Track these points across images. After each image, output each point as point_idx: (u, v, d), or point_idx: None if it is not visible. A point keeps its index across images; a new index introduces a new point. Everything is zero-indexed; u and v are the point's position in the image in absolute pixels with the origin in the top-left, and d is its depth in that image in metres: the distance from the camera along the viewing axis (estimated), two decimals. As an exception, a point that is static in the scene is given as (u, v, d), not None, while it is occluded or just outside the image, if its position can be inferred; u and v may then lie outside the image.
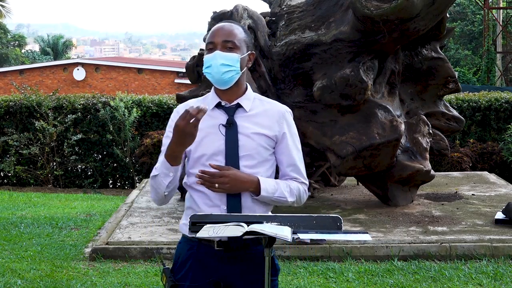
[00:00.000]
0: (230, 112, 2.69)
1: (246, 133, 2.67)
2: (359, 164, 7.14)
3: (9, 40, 46.57)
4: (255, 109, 2.72)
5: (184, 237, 2.77)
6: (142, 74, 29.07)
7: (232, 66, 2.65)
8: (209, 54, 2.68)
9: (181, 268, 2.72)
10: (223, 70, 2.64)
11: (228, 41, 2.67)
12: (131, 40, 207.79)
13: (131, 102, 12.74)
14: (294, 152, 2.77)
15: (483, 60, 25.49)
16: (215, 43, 2.68)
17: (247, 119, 2.70)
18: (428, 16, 6.70)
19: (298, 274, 5.72)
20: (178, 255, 2.77)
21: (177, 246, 2.82)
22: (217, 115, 2.70)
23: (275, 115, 2.73)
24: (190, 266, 2.70)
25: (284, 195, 2.72)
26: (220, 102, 2.72)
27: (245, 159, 2.67)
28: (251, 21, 7.83)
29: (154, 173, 2.66)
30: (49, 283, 5.53)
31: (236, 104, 2.71)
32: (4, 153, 12.84)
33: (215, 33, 2.70)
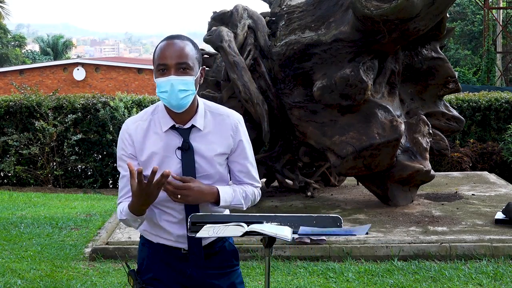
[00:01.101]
0: (185, 134, 2.64)
1: (203, 155, 2.65)
2: (359, 164, 7.14)
3: (9, 40, 46.57)
4: (208, 126, 2.68)
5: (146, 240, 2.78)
6: (142, 74, 29.07)
7: (189, 90, 2.58)
8: (163, 78, 2.56)
9: (147, 270, 2.74)
10: (181, 96, 2.56)
11: (181, 63, 2.56)
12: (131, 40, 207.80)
13: (131, 102, 12.74)
14: (248, 159, 2.77)
15: (483, 60, 25.49)
16: (168, 66, 2.56)
17: (203, 139, 2.66)
18: (428, 16, 6.70)
19: (298, 274, 5.72)
20: (143, 257, 2.77)
21: (140, 249, 2.82)
22: (172, 137, 2.64)
23: (228, 128, 2.70)
24: (157, 269, 2.72)
25: (241, 202, 2.73)
26: (174, 124, 2.65)
27: (202, 179, 2.66)
28: (251, 21, 7.83)
29: (122, 217, 2.64)
30: (49, 283, 5.53)
31: (190, 126, 2.66)
32: (4, 153, 12.84)
33: (166, 54, 2.56)
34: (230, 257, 2.79)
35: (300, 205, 7.79)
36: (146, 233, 2.77)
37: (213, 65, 8.10)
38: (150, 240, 2.75)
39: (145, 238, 2.78)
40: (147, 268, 2.74)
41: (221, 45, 7.46)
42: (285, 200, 8.11)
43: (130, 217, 2.60)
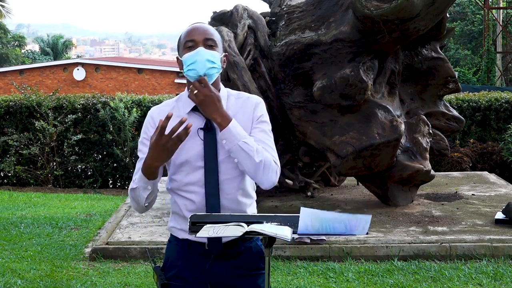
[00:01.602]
0: None
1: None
2: (359, 164, 7.14)
3: (9, 40, 46.57)
4: (231, 108, 2.68)
5: (174, 238, 2.77)
6: (142, 74, 29.07)
7: (216, 63, 2.63)
8: (191, 51, 2.63)
9: (171, 267, 2.73)
10: (208, 66, 2.60)
11: (208, 39, 2.65)
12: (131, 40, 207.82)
13: (131, 102, 12.75)
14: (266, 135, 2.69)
15: (483, 60, 25.49)
16: (196, 41, 2.64)
17: None
18: (428, 16, 6.70)
19: (298, 274, 5.72)
20: (168, 254, 2.77)
21: (167, 246, 2.82)
22: (194, 119, 2.65)
23: (249, 108, 2.70)
24: (181, 265, 2.70)
25: (252, 147, 2.56)
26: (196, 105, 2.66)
27: (224, 162, 2.64)
28: (251, 21, 7.83)
29: (133, 186, 2.63)
30: (49, 283, 5.53)
31: None
32: (4, 153, 12.84)
33: (194, 31, 2.66)
34: (256, 258, 2.71)
35: (300, 205, 7.77)
36: (173, 229, 2.76)
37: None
38: (176, 236, 2.74)
39: (172, 235, 2.78)
40: (171, 265, 2.72)
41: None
42: (285, 200, 8.11)
43: (141, 183, 2.59)
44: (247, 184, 2.72)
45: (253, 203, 2.79)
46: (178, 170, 2.67)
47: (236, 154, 2.58)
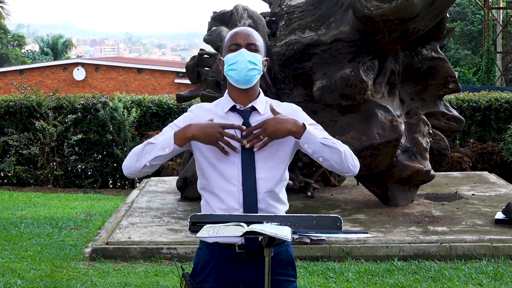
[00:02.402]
0: (245, 115, 2.70)
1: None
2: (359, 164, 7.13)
3: (9, 40, 46.56)
4: (269, 112, 2.70)
5: (203, 243, 2.75)
6: (142, 74, 29.07)
7: (257, 65, 2.68)
8: (234, 52, 2.69)
9: (201, 272, 2.70)
10: (249, 67, 2.66)
11: (251, 43, 2.70)
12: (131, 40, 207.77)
13: (131, 102, 12.75)
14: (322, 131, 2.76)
15: (483, 60, 25.49)
16: (240, 44, 2.70)
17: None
18: (428, 16, 6.70)
19: (298, 274, 5.70)
20: (198, 260, 2.74)
21: (196, 252, 2.79)
22: (232, 118, 2.70)
23: (289, 112, 2.74)
24: (211, 269, 2.68)
25: (332, 140, 2.66)
26: (235, 105, 2.72)
27: (261, 161, 2.67)
28: (251, 21, 7.83)
29: (151, 141, 2.66)
30: (49, 283, 5.53)
31: (250, 107, 2.72)
32: (4, 153, 12.85)
33: (238, 35, 2.72)
34: (286, 265, 2.71)
35: (300, 205, 7.78)
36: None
37: (213, 65, 8.09)
38: (206, 242, 2.71)
39: (202, 242, 2.75)
40: (201, 270, 2.70)
41: (221, 45, 7.46)
42: (285, 200, 8.10)
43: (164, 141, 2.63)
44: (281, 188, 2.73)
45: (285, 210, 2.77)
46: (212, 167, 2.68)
47: (320, 153, 2.63)
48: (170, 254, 6.16)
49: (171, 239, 6.40)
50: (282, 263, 2.70)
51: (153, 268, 5.92)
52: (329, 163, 2.65)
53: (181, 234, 6.52)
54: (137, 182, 12.49)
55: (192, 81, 8.63)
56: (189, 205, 7.83)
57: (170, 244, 6.26)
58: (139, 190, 9.15)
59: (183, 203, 8.00)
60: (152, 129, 12.79)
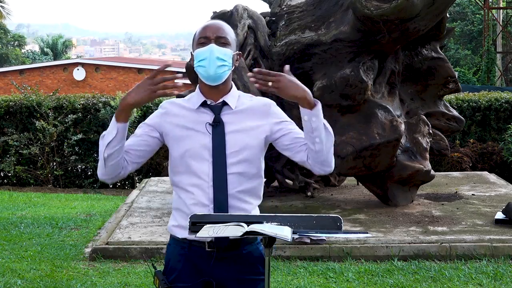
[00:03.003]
0: (216, 111, 2.67)
1: (233, 130, 2.65)
2: (359, 164, 7.14)
3: (9, 40, 46.57)
4: (241, 106, 2.70)
5: (174, 239, 2.74)
6: (142, 74, 29.06)
7: (226, 61, 2.64)
8: (203, 47, 2.64)
9: (173, 270, 2.70)
10: (218, 64, 2.62)
11: (221, 36, 2.66)
12: (131, 40, 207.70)
13: (131, 102, 12.75)
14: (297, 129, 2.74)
15: (483, 60, 25.50)
16: (209, 38, 2.65)
17: (234, 116, 2.68)
18: (428, 16, 6.71)
19: (298, 274, 5.72)
20: (169, 257, 2.74)
21: (167, 248, 2.79)
22: (203, 114, 2.68)
23: (261, 109, 2.72)
24: (182, 267, 2.68)
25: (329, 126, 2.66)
26: (206, 100, 2.69)
27: (232, 156, 2.64)
28: (251, 21, 7.83)
29: (102, 134, 2.67)
30: (49, 283, 5.53)
31: (221, 102, 2.69)
32: (4, 153, 12.84)
33: (208, 28, 2.68)
34: (256, 263, 2.69)
35: (300, 205, 7.79)
36: (172, 228, 2.73)
37: (213, 65, 8.09)
38: (175, 237, 2.71)
39: (171, 237, 2.75)
40: (172, 269, 2.70)
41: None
42: (285, 200, 8.11)
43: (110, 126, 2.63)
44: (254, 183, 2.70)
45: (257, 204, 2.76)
46: (182, 161, 2.66)
47: (319, 132, 2.60)
48: (170, 254, 6.15)
49: (171, 239, 6.39)
50: (251, 261, 2.69)
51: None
52: (320, 147, 2.60)
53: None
54: (137, 182, 12.49)
55: (192, 81, 8.62)
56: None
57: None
58: (139, 190, 9.15)
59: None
60: (152, 129, 12.77)
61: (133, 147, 2.69)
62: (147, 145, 2.70)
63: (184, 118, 2.68)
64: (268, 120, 2.70)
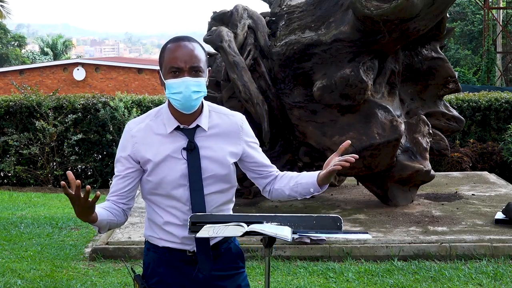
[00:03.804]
0: (190, 135, 2.64)
1: (208, 155, 2.64)
2: (359, 164, 7.14)
3: (9, 40, 46.57)
4: (214, 127, 2.68)
5: (151, 244, 2.75)
6: (142, 74, 29.07)
7: (201, 91, 2.61)
8: (176, 79, 2.57)
9: (154, 273, 2.70)
10: (194, 97, 2.58)
11: (194, 66, 2.59)
12: (131, 40, 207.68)
13: (131, 102, 12.74)
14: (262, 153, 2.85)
15: (483, 60, 25.49)
16: (181, 69, 2.58)
17: (207, 139, 2.66)
18: (428, 16, 6.70)
19: (298, 274, 5.72)
20: (148, 262, 2.74)
21: (145, 254, 2.79)
22: (176, 138, 2.64)
23: (233, 128, 2.72)
24: (163, 272, 2.69)
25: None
26: (179, 125, 2.65)
27: (208, 179, 2.64)
28: (251, 21, 7.83)
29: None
30: (49, 283, 5.53)
31: (195, 126, 2.66)
32: (4, 153, 12.84)
33: (179, 56, 2.58)
34: (235, 259, 2.75)
35: (300, 205, 7.79)
36: (151, 238, 2.74)
37: (213, 65, 8.10)
38: (155, 245, 2.72)
39: (150, 243, 2.75)
40: (152, 272, 2.70)
41: (221, 45, 7.46)
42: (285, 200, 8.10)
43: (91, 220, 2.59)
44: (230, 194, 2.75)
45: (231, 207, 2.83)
46: (159, 186, 2.65)
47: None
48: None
49: (171, 239, 6.39)
50: (232, 258, 2.74)
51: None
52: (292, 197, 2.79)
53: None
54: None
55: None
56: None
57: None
58: (139, 190, 9.13)
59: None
60: (152, 129, 12.77)
61: (123, 190, 2.73)
62: (134, 180, 2.71)
63: (157, 144, 2.63)
64: (240, 141, 2.73)
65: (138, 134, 2.66)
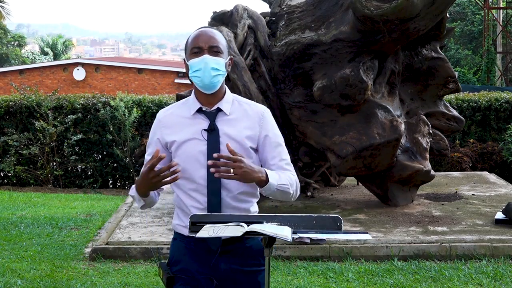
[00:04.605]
0: (211, 117, 2.77)
1: (229, 136, 2.74)
2: (359, 164, 7.14)
3: (9, 40, 46.57)
4: (234, 112, 2.80)
5: (179, 235, 2.87)
6: (142, 74, 29.07)
7: (220, 70, 2.74)
8: (197, 58, 2.74)
9: (177, 262, 2.82)
10: (213, 74, 2.73)
11: (214, 46, 2.75)
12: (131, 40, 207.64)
13: (131, 102, 12.74)
14: (280, 148, 2.84)
15: (483, 60, 25.49)
16: (201, 48, 2.75)
17: (228, 122, 2.77)
18: (428, 16, 6.71)
19: (298, 274, 5.72)
20: (174, 251, 2.86)
21: (172, 244, 2.92)
22: (199, 120, 2.78)
23: (254, 116, 2.81)
24: (187, 260, 2.79)
25: (286, 183, 2.73)
26: (201, 107, 2.79)
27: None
28: (251, 21, 7.83)
29: (131, 193, 2.82)
30: (49, 283, 5.53)
31: (216, 109, 2.79)
32: (4, 153, 12.84)
33: (200, 38, 2.77)
34: (257, 255, 2.80)
35: (300, 205, 7.79)
36: (178, 227, 2.86)
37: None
38: (181, 234, 2.83)
39: (177, 233, 2.88)
40: (176, 260, 2.82)
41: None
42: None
43: (136, 195, 2.77)
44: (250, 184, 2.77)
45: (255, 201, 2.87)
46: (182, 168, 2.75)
47: (273, 195, 2.73)
48: (170, 254, 6.16)
49: (171, 239, 6.38)
50: (254, 254, 2.80)
51: (153, 268, 5.92)
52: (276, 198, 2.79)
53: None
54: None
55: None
56: (189, 205, 7.82)
57: (170, 244, 6.26)
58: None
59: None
60: (152, 129, 12.77)
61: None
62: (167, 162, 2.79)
63: (180, 126, 2.79)
64: (258, 127, 2.80)
65: (165, 119, 2.84)
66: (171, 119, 2.82)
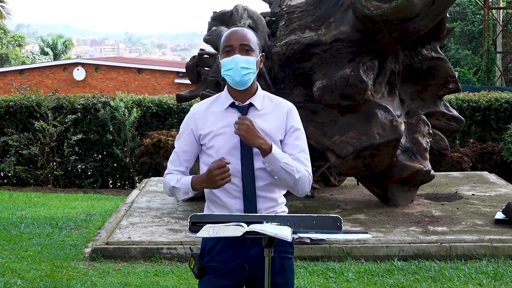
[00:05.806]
0: (243, 111, 2.90)
1: (259, 129, 2.83)
2: (359, 164, 7.14)
3: (9, 40, 46.56)
4: (266, 108, 2.93)
5: None
6: (142, 74, 29.07)
7: (251, 68, 2.87)
8: (228, 57, 2.86)
9: (209, 253, 2.89)
10: (243, 73, 2.85)
11: (245, 44, 2.88)
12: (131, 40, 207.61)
13: (131, 102, 12.74)
14: (301, 142, 2.95)
15: (483, 60, 25.49)
16: (233, 46, 2.87)
17: (259, 117, 2.89)
18: (428, 16, 6.70)
19: (298, 274, 5.72)
20: (206, 242, 2.92)
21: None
22: (231, 114, 2.90)
23: (283, 111, 2.94)
24: (218, 250, 2.86)
25: (292, 166, 2.82)
26: (234, 102, 2.91)
27: (258, 153, 2.83)
28: (251, 21, 7.83)
29: (175, 185, 2.90)
30: (49, 283, 5.53)
31: (248, 104, 2.92)
32: (4, 153, 12.85)
33: (232, 37, 2.90)
34: (286, 243, 2.87)
35: (300, 205, 7.79)
36: None
37: (213, 65, 8.09)
38: None
39: None
40: (208, 251, 2.89)
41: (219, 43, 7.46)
42: (285, 200, 8.10)
43: (186, 189, 2.87)
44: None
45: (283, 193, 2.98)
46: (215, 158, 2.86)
47: (277, 174, 2.82)
48: (170, 254, 6.16)
49: (171, 239, 6.40)
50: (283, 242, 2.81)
51: (153, 268, 5.92)
52: (281, 183, 2.87)
53: (181, 234, 6.52)
54: (137, 182, 12.49)
55: (192, 81, 8.63)
56: (189, 205, 7.83)
57: (170, 244, 6.26)
58: (139, 190, 9.15)
59: (183, 203, 8.00)
60: (152, 129, 12.79)
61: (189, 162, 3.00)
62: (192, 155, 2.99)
63: (214, 119, 2.91)
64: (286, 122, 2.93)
65: (199, 113, 2.96)
66: (205, 113, 2.94)
